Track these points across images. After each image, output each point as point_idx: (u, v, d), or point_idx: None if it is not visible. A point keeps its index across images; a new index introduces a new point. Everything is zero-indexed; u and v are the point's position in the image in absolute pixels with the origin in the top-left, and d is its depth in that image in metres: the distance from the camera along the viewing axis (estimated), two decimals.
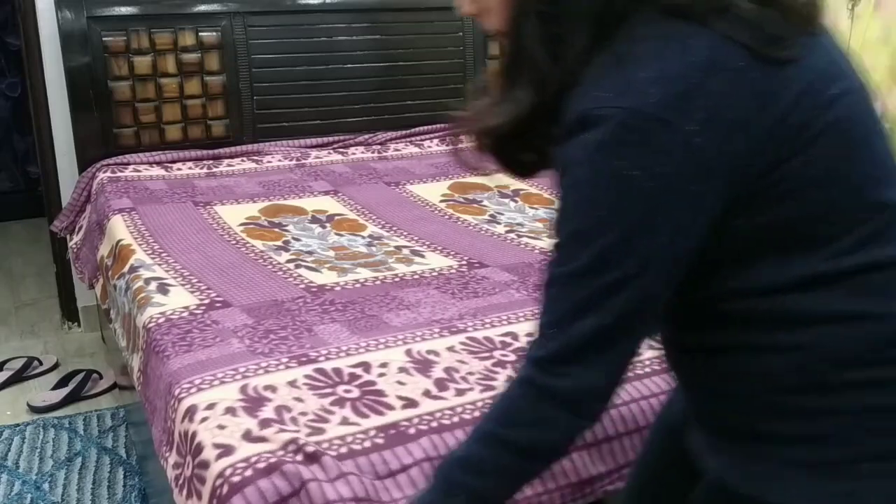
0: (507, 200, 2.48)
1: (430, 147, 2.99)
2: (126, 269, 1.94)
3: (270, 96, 2.98)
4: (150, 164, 2.73)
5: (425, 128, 3.07)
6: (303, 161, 2.81)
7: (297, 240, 2.14)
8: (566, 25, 0.82)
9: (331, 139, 2.99)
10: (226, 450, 1.17)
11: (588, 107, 0.79)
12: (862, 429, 0.81)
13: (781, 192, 0.80)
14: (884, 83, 2.25)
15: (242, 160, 2.82)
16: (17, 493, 2.17)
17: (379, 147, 2.97)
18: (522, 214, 2.37)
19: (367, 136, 3.01)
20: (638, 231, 0.78)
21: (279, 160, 2.82)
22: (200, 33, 2.85)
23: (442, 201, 2.47)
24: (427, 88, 3.13)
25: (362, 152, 2.93)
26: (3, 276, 3.78)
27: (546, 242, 1.79)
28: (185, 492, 1.22)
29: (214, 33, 2.87)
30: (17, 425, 2.49)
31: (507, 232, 2.19)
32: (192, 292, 1.75)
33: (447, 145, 2.62)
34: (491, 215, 2.35)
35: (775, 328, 0.83)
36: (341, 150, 2.94)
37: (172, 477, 1.29)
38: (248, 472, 1.12)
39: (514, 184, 2.55)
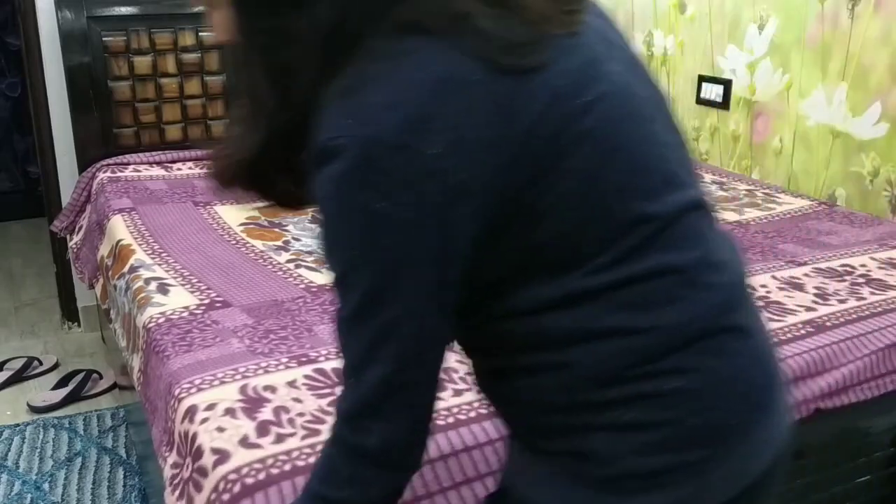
0: None
1: None
2: (126, 269, 1.94)
3: None
4: (150, 164, 2.73)
5: None
6: None
7: (297, 240, 2.14)
8: (293, 54, 0.76)
9: None
10: (222, 456, 1.17)
11: (326, 136, 0.72)
12: (626, 445, 0.79)
13: (541, 208, 0.75)
14: (884, 83, 2.24)
15: None
16: (17, 493, 2.17)
17: None
18: None
19: None
20: (398, 266, 0.73)
21: None
22: (200, 33, 2.86)
23: None
24: None
25: None
26: (3, 276, 3.78)
27: None
28: (177, 492, 1.22)
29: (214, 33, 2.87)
30: (17, 425, 2.50)
31: None
32: (192, 292, 1.75)
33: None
34: None
35: (541, 348, 0.80)
36: None
37: (168, 476, 1.28)
38: (247, 481, 1.11)
39: None
